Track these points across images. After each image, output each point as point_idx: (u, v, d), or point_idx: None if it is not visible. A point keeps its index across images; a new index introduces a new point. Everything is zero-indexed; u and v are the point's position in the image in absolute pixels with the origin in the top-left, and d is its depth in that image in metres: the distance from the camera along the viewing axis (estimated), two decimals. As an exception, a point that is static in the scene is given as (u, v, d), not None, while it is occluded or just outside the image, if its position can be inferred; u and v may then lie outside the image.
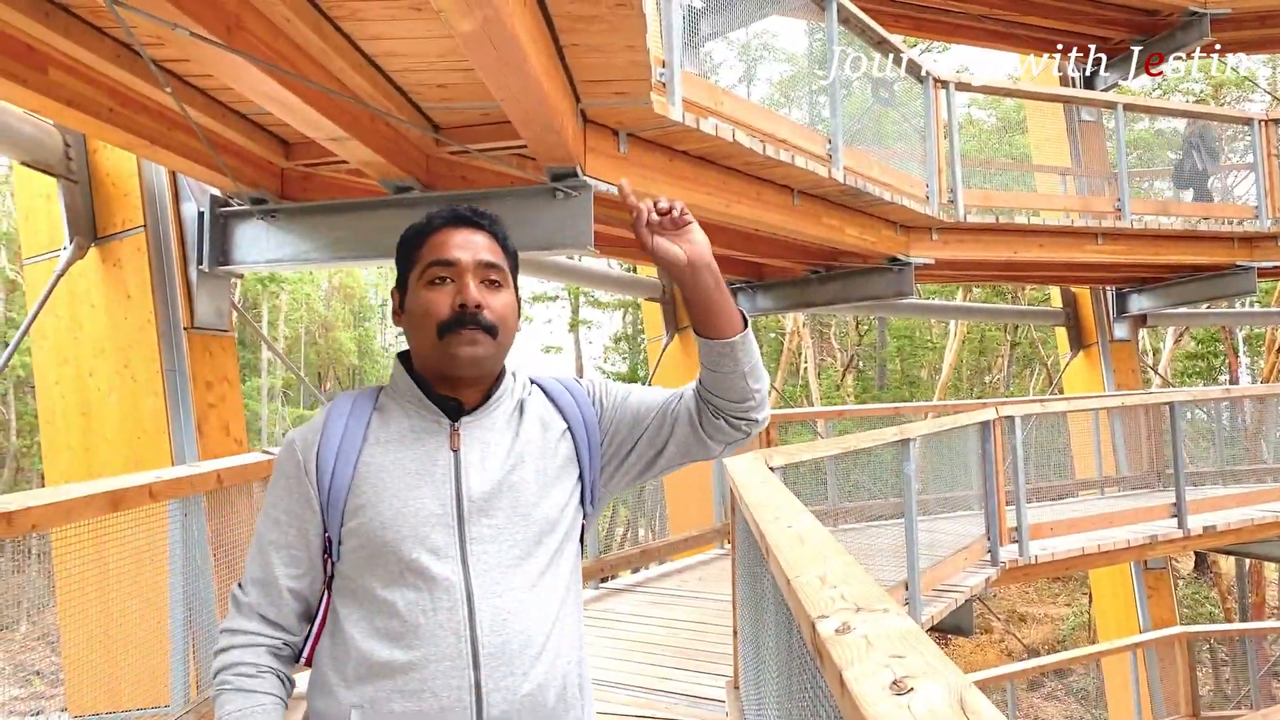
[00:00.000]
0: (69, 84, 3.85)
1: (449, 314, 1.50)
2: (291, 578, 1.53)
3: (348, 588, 1.50)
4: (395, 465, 1.51)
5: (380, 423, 1.56)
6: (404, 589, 1.45)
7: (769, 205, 6.57)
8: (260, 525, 1.56)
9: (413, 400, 1.56)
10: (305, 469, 1.52)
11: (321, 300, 37.17)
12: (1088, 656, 11.56)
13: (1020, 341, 29.21)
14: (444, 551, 1.47)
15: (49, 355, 5.75)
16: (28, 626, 22.67)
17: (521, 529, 1.52)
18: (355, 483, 1.50)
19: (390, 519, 1.47)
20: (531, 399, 1.65)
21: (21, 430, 26.74)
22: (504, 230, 1.63)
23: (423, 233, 1.58)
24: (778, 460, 4.63)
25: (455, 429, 1.54)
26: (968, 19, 11.53)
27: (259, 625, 1.52)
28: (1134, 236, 9.54)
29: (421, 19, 3.56)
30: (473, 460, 1.52)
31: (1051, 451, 10.16)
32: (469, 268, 1.53)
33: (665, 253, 1.54)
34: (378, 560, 1.47)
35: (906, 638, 1.52)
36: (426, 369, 1.56)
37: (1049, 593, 24.61)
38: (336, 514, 1.50)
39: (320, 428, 1.55)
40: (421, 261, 1.55)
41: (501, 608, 1.47)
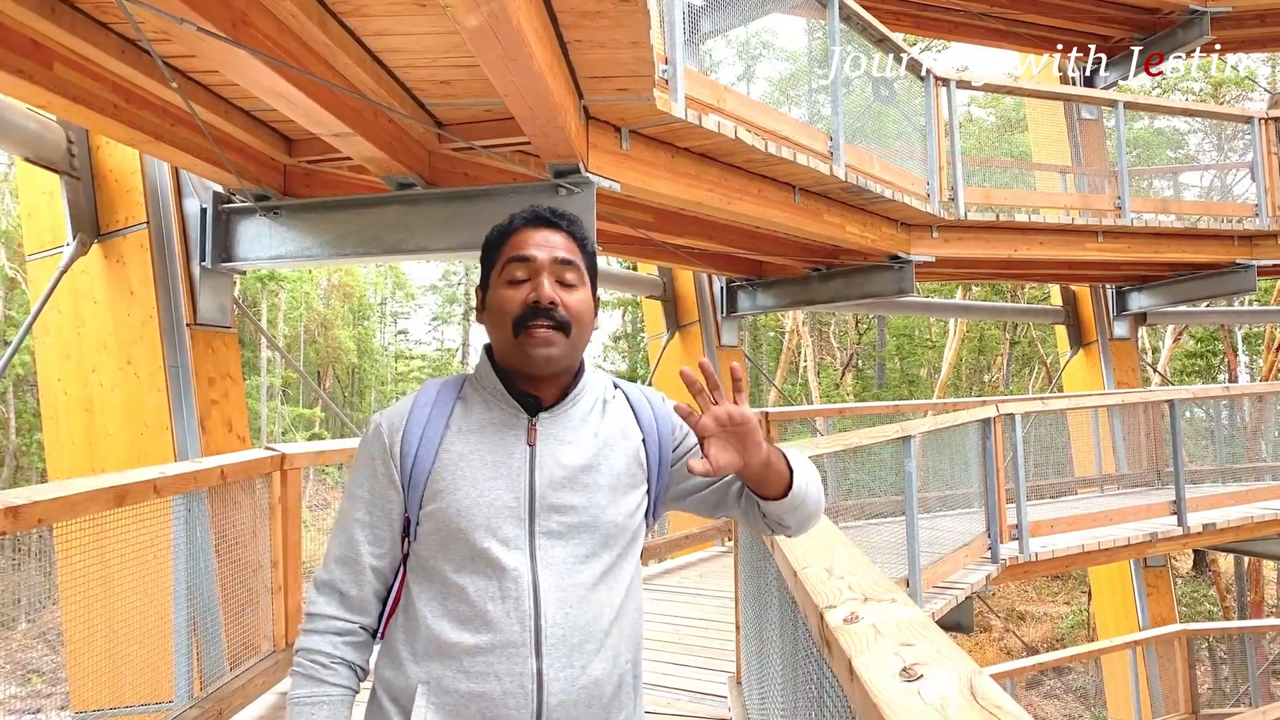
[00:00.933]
0: (74, 79, 3.86)
1: (523, 310, 1.54)
2: (375, 556, 1.58)
3: (422, 567, 1.55)
4: (474, 455, 1.55)
5: (463, 412, 1.60)
6: (474, 575, 1.50)
7: (770, 202, 6.58)
8: (345, 505, 1.61)
9: (494, 393, 1.60)
10: (390, 451, 1.57)
11: (320, 299, 37.17)
12: (1087, 654, 11.57)
13: (1019, 340, 29.24)
14: (514, 543, 1.51)
15: (52, 352, 5.76)
16: (26, 625, 22.66)
17: (590, 529, 1.55)
18: (436, 468, 1.54)
19: (465, 507, 1.51)
20: (614, 403, 1.68)
21: (21, 429, 26.72)
22: (583, 231, 1.65)
23: (504, 233, 1.62)
24: (780, 456, 4.63)
25: (533, 424, 1.58)
26: (968, 17, 11.53)
27: (338, 609, 1.57)
28: (1134, 235, 9.56)
29: (425, 15, 3.57)
30: (547, 457, 1.56)
31: (1051, 449, 10.17)
32: (545, 265, 1.56)
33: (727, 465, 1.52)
34: (451, 545, 1.52)
35: (915, 626, 1.53)
36: (506, 364, 1.60)
37: (1048, 591, 24.64)
38: (416, 496, 1.55)
39: (406, 412, 1.60)
40: (501, 260, 1.60)
41: (565, 601, 1.51)
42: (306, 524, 27.54)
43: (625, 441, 1.64)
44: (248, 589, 4.44)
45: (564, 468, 1.56)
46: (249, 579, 4.45)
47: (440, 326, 45.96)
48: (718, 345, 9.98)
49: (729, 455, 1.51)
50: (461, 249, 5.09)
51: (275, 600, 4.56)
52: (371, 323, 43.95)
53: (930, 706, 1.14)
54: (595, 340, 33.70)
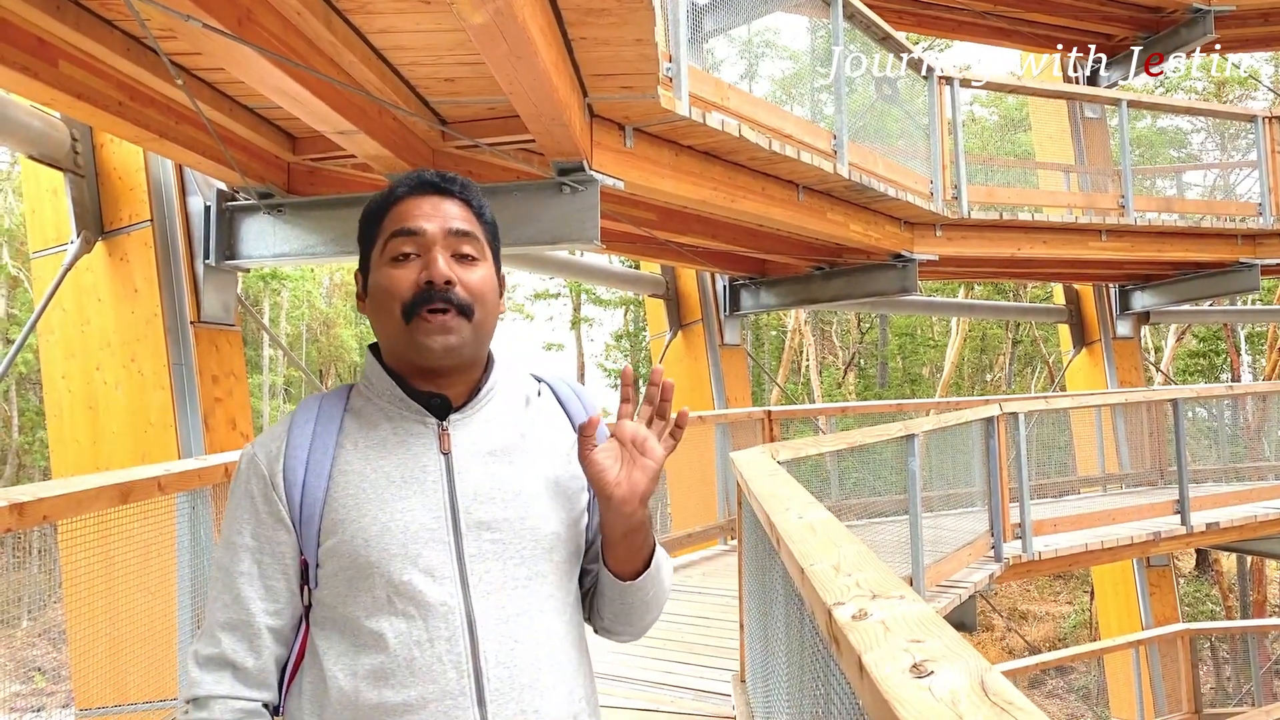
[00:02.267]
0: (79, 77, 3.86)
1: (414, 293, 1.28)
2: (270, 614, 1.30)
3: (327, 618, 1.29)
4: (376, 473, 1.29)
5: (355, 425, 1.33)
6: (393, 618, 1.24)
7: (774, 201, 6.58)
8: (222, 558, 1.32)
9: (391, 399, 1.34)
10: (272, 483, 1.30)
11: (323, 297, 37.19)
12: (1090, 654, 11.56)
13: (1022, 339, 29.23)
14: (439, 571, 1.26)
15: (56, 350, 5.76)
16: (29, 623, 22.69)
17: (529, 543, 1.32)
18: (331, 495, 1.28)
19: (375, 535, 1.25)
20: (540, 399, 1.45)
21: (24, 426, 26.77)
22: (479, 196, 1.39)
23: (385, 203, 1.36)
24: (784, 455, 4.63)
25: (444, 429, 1.33)
26: (971, 15, 11.53)
27: (233, 685, 1.28)
28: (1137, 233, 9.55)
29: (430, 12, 3.56)
30: (467, 464, 1.31)
31: (1054, 448, 10.17)
32: (437, 238, 1.31)
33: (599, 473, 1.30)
34: (360, 584, 1.25)
35: (924, 622, 1.53)
36: (399, 361, 1.35)
37: (1050, 590, 24.64)
38: (311, 532, 1.28)
39: (284, 435, 1.33)
40: (383, 235, 1.33)
41: (509, 635, 1.27)
42: (309, 522, 27.46)
43: (557, 440, 1.41)
44: (252, 586, 4.44)
45: (489, 475, 1.32)
46: (253, 576, 4.45)
47: (442, 325, 45.89)
48: (720, 344, 9.97)
49: (611, 464, 1.29)
50: (465, 247, 5.08)
51: (279, 598, 4.55)
52: (373, 321, 43.93)
53: (941, 703, 1.13)
54: (598, 339, 33.60)
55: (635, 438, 1.30)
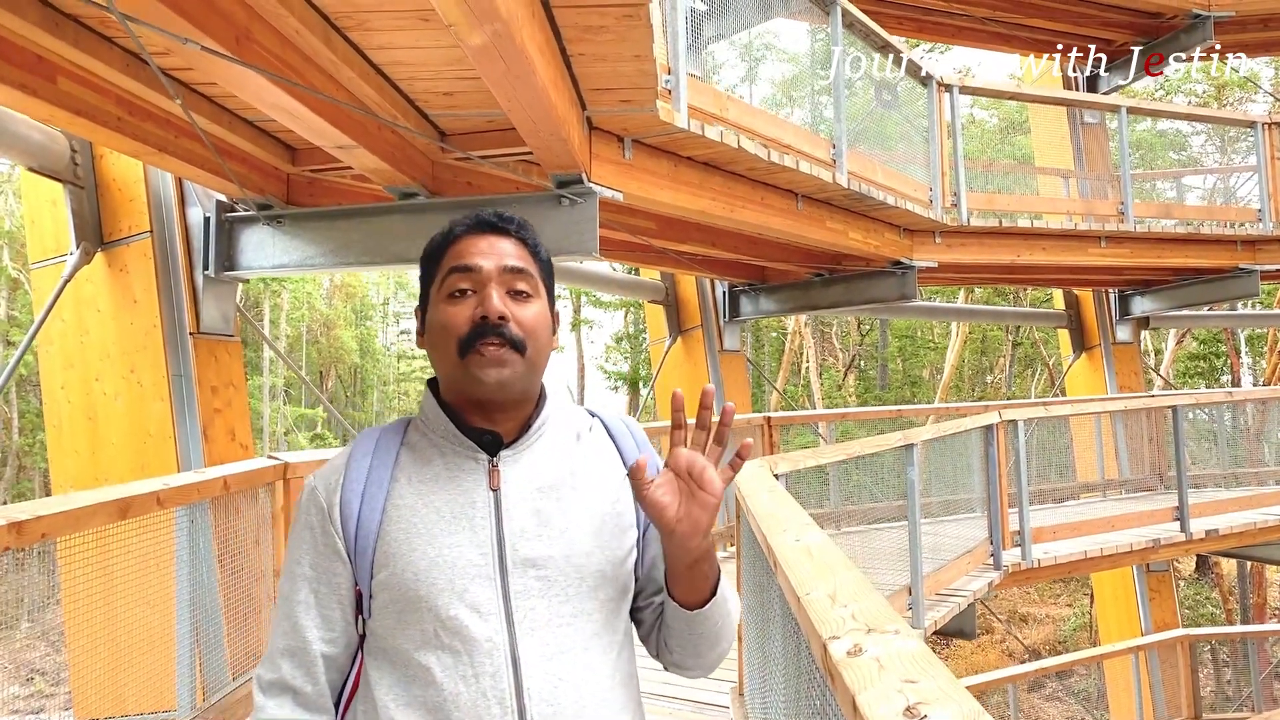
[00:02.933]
0: (78, 93, 3.87)
1: (469, 328, 1.32)
2: (325, 641, 1.35)
3: (380, 649, 1.33)
4: (427, 508, 1.32)
5: (409, 459, 1.37)
6: (440, 652, 1.28)
7: (773, 209, 6.58)
8: (284, 586, 1.38)
9: (444, 433, 1.38)
10: (329, 515, 1.35)
11: (323, 299, 37.20)
12: (1090, 659, 11.56)
13: (1022, 341, 29.22)
14: (485, 608, 1.28)
15: (55, 360, 5.76)
16: (28, 625, 22.68)
17: (575, 581, 1.33)
18: (384, 528, 1.32)
19: (424, 569, 1.28)
20: (591, 434, 1.46)
21: (24, 429, 26.77)
22: (534, 235, 1.44)
23: (443, 242, 1.40)
24: (783, 467, 4.64)
25: (494, 465, 1.35)
26: (970, 21, 11.54)
27: (293, 709, 1.33)
28: (1137, 240, 9.55)
29: (429, 29, 3.57)
30: (515, 500, 1.34)
31: (1053, 452, 10.17)
32: (492, 275, 1.34)
33: (658, 511, 1.27)
34: (410, 617, 1.29)
35: (918, 661, 1.53)
36: (454, 396, 1.38)
37: (1050, 593, 24.63)
38: (366, 564, 1.32)
39: (342, 468, 1.37)
40: (441, 272, 1.38)
41: (553, 673, 1.29)
42: (309, 525, 27.42)
43: (607, 477, 1.42)
44: (250, 598, 4.45)
45: (536, 513, 1.34)
46: (251, 588, 4.46)
47: (442, 327, 45.91)
48: (720, 349, 9.98)
49: (670, 500, 1.27)
50: (464, 258, 5.09)
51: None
52: (374, 323, 43.98)
53: (934, 751, 1.14)
54: (598, 341, 33.61)
55: (691, 468, 1.28)
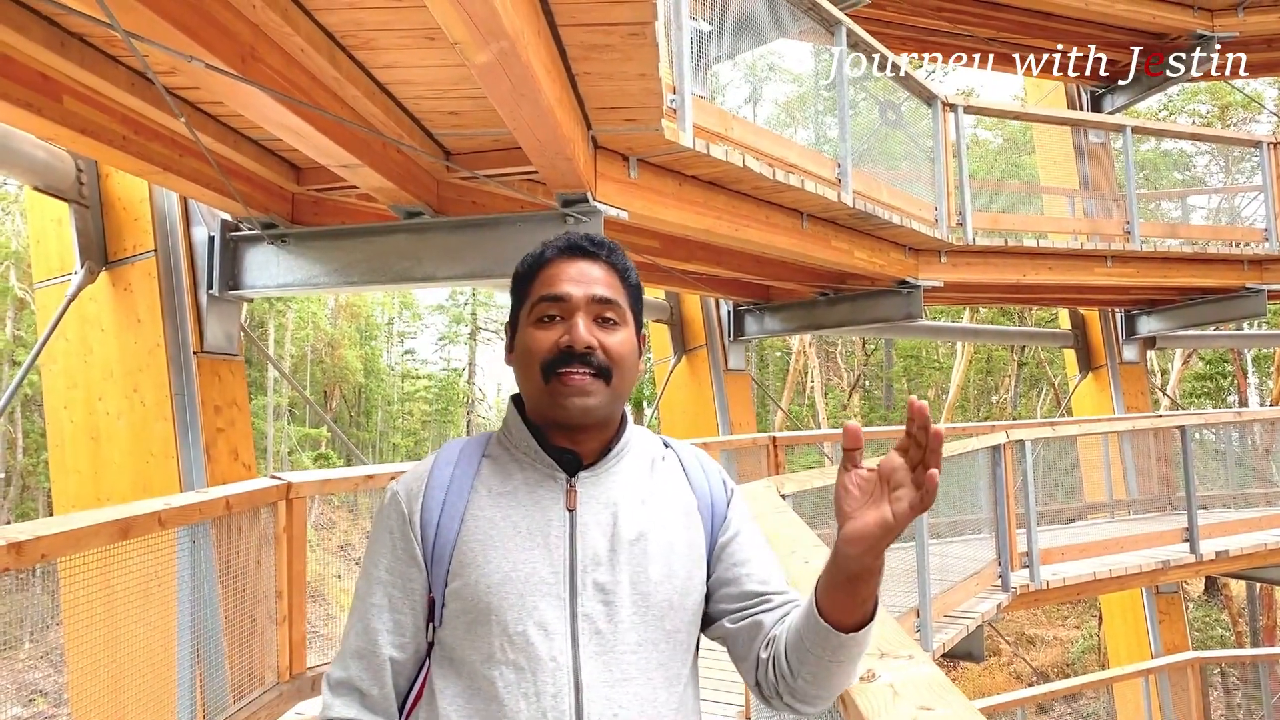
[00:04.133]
0: (83, 112, 3.87)
1: (555, 354, 1.34)
2: (395, 646, 1.36)
3: (448, 658, 1.33)
4: (505, 521, 1.34)
5: (490, 472, 1.39)
6: (504, 667, 1.28)
7: (778, 229, 6.57)
8: (360, 587, 1.40)
9: (526, 449, 1.40)
10: (410, 521, 1.37)
11: (328, 319, 37.27)
12: (1098, 682, 11.44)
13: (1027, 361, 29.17)
14: (552, 627, 1.28)
15: (59, 379, 5.75)
16: (30, 645, 22.60)
17: (641, 610, 1.32)
18: (461, 538, 1.33)
19: (497, 582, 1.29)
20: (665, 464, 1.47)
21: (28, 448, 26.77)
22: (624, 260, 1.44)
23: (535, 264, 1.42)
24: (789, 487, 4.60)
25: (572, 486, 1.36)
26: (975, 41, 11.57)
27: (358, 710, 1.34)
28: (1143, 259, 9.52)
29: (435, 48, 3.57)
30: (590, 524, 1.34)
31: (1060, 473, 10.11)
32: (580, 304, 1.36)
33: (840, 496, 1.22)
34: (479, 629, 1.30)
35: (934, 687, 1.50)
36: (537, 415, 1.40)
37: (1058, 615, 24.45)
38: (441, 572, 1.33)
39: (425, 476, 1.40)
40: (532, 296, 1.40)
41: (614, 700, 1.27)
42: (312, 544, 27.34)
43: (679, 508, 1.42)
44: (252, 619, 4.41)
45: (609, 537, 1.34)
46: (253, 609, 4.42)
47: (447, 346, 46.01)
48: (725, 369, 9.95)
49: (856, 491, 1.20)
50: (469, 277, 5.08)
51: (280, 631, 4.52)
52: (379, 342, 44.04)
53: (952, 783, 1.11)
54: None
55: (893, 479, 1.18)
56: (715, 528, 1.44)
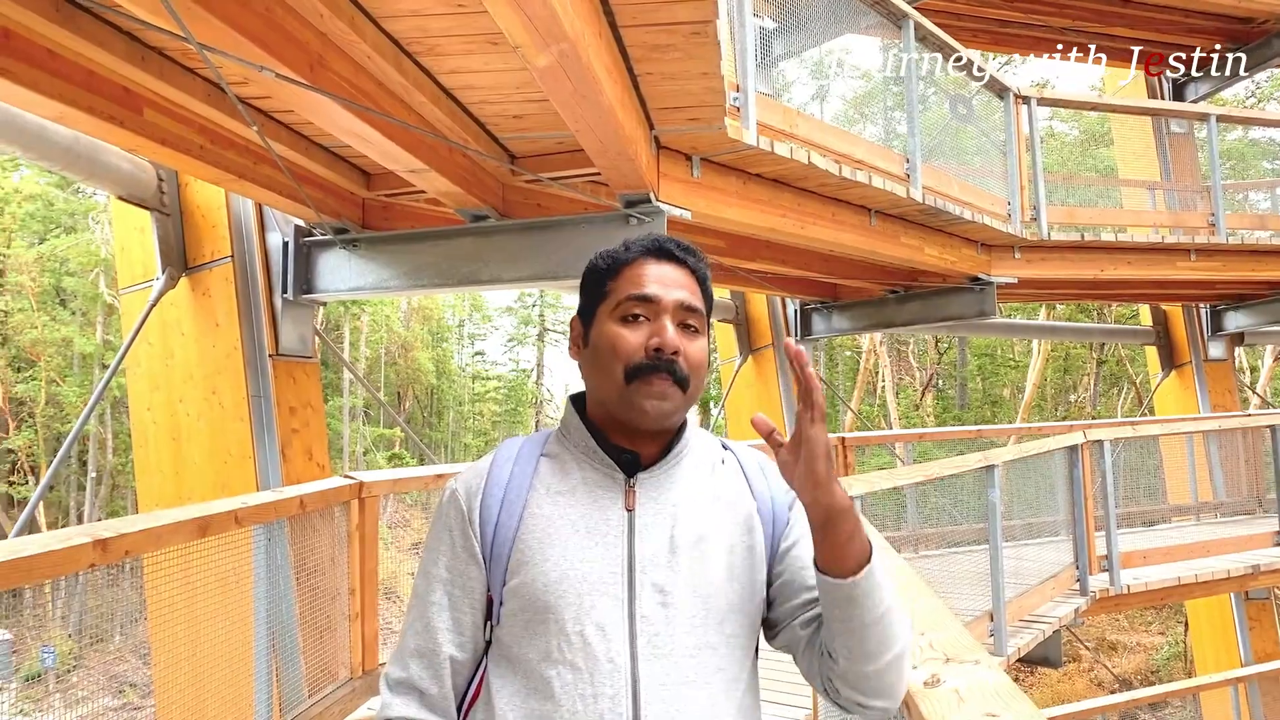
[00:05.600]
0: (162, 124, 4.00)
1: (642, 357, 1.32)
2: (455, 645, 1.35)
3: (505, 657, 1.33)
4: (563, 520, 1.33)
5: (549, 470, 1.39)
6: (562, 667, 1.26)
7: (845, 226, 6.48)
8: (419, 585, 1.39)
9: (584, 448, 1.39)
10: (469, 519, 1.36)
11: (401, 321, 37.97)
12: (1185, 690, 11.05)
13: (1107, 359, 28.32)
14: (610, 628, 1.27)
15: (142, 382, 5.96)
16: (120, 639, 23.46)
17: (701, 613, 1.30)
18: (520, 535, 1.32)
19: (555, 580, 1.28)
20: (725, 467, 1.45)
21: (118, 449, 27.82)
22: (705, 269, 1.44)
23: (619, 261, 1.40)
24: (857, 488, 4.53)
25: (630, 486, 1.35)
26: (1049, 31, 11.27)
27: (417, 710, 1.34)
28: (1230, 252, 9.17)
29: (498, 52, 3.60)
30: (649, 524, 1.33)
31: (1142, 474, 9.77)
32: (669, 308, 1.35)
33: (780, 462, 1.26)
34: (537, 628, 1.29)
35: (999, 693, 1.46)
36: (603, 414, 1.39)
37: (1142, 620, 23.69)
38: (500, 570, 1.33)
39: (485, 473, 1.39)
40: (615, 294, 1.37)
41: (671, 703, 1.25)
42: (385, 542, 27.74)
43: (738, 511, 1.40)
44: (326, 616, 4.50)
45: (669, 539, 1.32)
46: (327, 606, 4.51)
47: (516, 347, 46.54)
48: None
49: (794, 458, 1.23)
50: (534, 279, 5.13)
51: (353, 627, 4.61)
52: (450, 344, 44.73)
53: (1017, 793, 1.07)
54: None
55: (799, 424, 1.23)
56: (777, 532, 1.41)
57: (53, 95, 3.42)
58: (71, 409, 26.65)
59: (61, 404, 27.32)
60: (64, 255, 28.04)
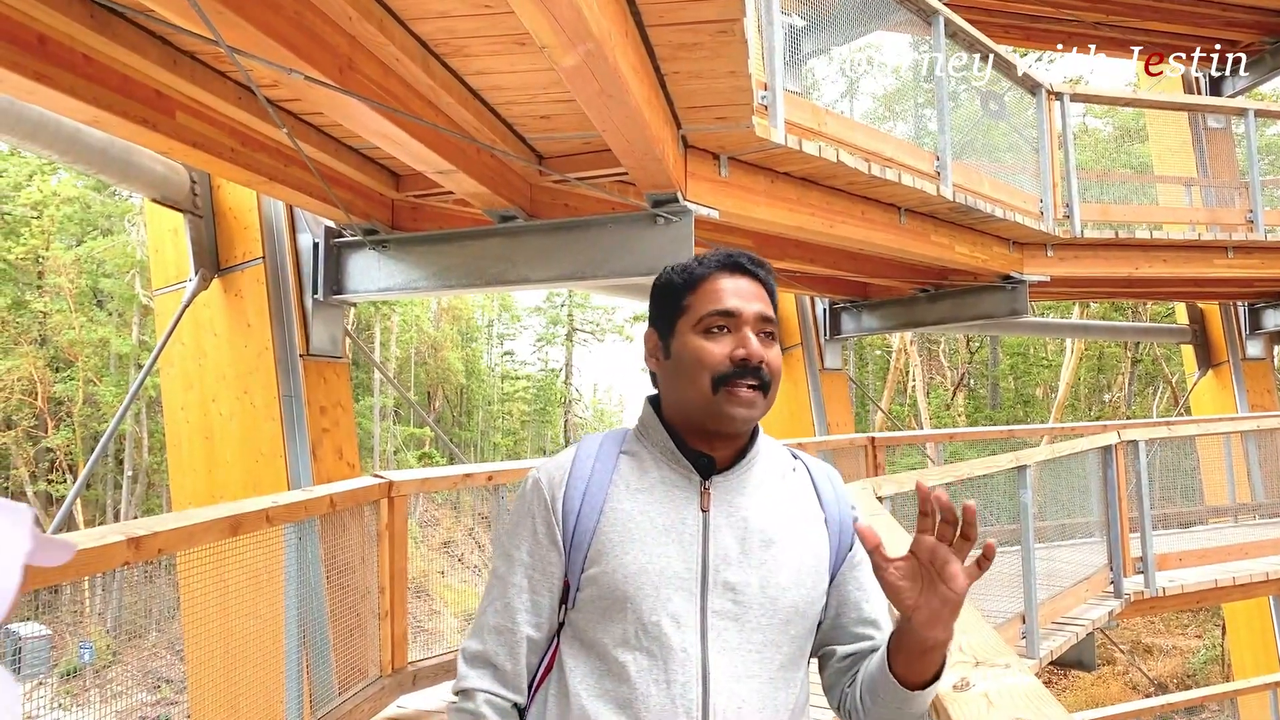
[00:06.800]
0: (194, 126, 4.04)
1: (728, 367, 1.40)
2: (532, 625, 1.43)
3: (579, 639, 1.41)
4: (643, 516, 1.40)
5: (629, 468, 1.46)
6: (637, 652, 1.35)
7: (875, 224, 6.44)
8: (500, 567, 1.47)
9: (663, 449, 1.46)
10: (552, 507, 1.43)
11: (431, 322, 38.20)
12: (1222, 695, 10.87)
13: (1142, 358, 27.93)
14: (683, 619, 1.35)
15: (176, 382, 6.03)
16: (156, 635, 23.80)
17: (768, 612, 1.38)
18: (600, 527, 1.40)
19: (634, 572, 1.36)
20: (795, 475, 1.52)
21: (153, 448, 28.21)
22: (774, 281, 1.53)
23: (695, 276, 1.48)
24: (887, 489, 4.50)
25: (706, 488, 1.43)
26: (1082, 27, 11.11)
27: (492, 683, 1.42)
28: (1269, 249, 9.00)
29: (525, 53, 3.61)
30: (722, 525, 1.41)
31: (1178, 474, 9.61)
32: (749, 320, 1.43)
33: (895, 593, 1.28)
34: (614, 615, 1.37)
35: (1031, 697, 1.44)
36: (685, 420, 1.45)
37: (1178, 623, 23.34)
38: (579, 558, 1.40)
39: (568, 466, 1.46)
40: (695, 308, 1.45)
41: (738, 695, 1.34)
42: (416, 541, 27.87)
43: (809, 520, 1.47)
44: (356, 614, 4.53)
45: (741, 540, 1.40)
46: (357, 604, 4.55)
47: (545, 347, 46.68)
48: (821, 368, 9.81)
49: (908, 585, 1.26)
50: (562, 279, 5.14)
51: (383, 625, 4.64)
52: (479, 344, 44.95)
53: (1048, 799, 1.06)
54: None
55: (935, 558, 1.25)
56: (843, 545, 1.49)
57: (88, 100, 3.47)
58: (108, 408, 27.08)
59: (98, 403, 27.77)
60: (101, 257, 28.51)
